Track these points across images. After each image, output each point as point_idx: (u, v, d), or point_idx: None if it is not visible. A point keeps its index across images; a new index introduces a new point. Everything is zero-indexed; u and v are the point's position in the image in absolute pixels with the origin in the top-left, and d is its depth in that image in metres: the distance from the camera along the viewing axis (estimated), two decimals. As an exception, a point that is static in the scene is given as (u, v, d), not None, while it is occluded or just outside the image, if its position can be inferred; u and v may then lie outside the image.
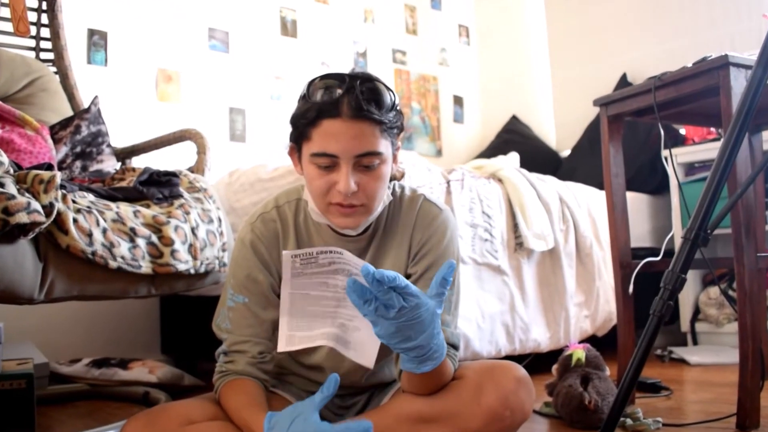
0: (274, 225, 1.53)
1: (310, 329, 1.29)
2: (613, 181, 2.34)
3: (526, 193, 2.94)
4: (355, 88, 1.34)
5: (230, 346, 1.50)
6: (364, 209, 1.41)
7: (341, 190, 1.35)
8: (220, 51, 3.82)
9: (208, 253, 1.97)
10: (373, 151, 1.36)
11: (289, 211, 1.55)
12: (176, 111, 3.59)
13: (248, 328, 1.49)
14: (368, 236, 1.52)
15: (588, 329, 3.09)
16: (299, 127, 1.39)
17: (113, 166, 2.46)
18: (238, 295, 1.51)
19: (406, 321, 1.19)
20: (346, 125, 1.33)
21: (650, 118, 2.27)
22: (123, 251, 1.74)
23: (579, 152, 4.40)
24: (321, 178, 1.37)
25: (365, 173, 1.38)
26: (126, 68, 3.45)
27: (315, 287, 1.25)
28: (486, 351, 2.66)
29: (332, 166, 1.36)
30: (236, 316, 1.50)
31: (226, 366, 1.48)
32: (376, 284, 1.15)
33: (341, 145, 1.34)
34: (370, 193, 1.39)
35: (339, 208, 1.39)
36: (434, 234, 1.52)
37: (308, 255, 1.21)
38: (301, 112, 1.38)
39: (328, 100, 1.34)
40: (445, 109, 5.00)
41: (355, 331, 1.29)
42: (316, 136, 1.35)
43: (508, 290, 2.80)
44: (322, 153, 1.35)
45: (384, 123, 1.37)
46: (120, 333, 3.25)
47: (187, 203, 2.01)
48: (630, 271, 2.27)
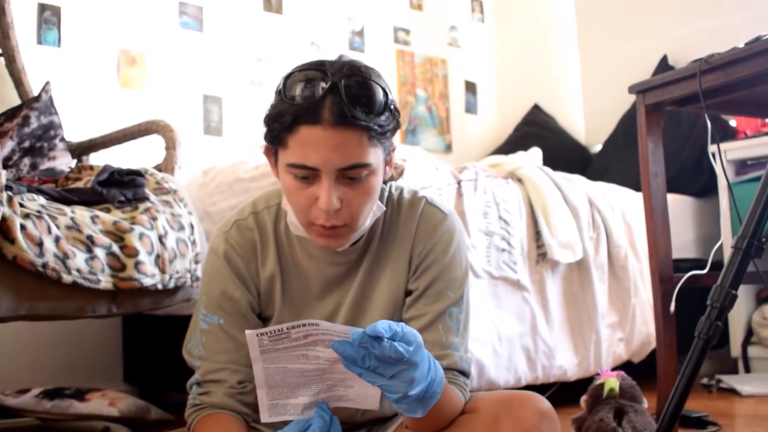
0: (251, 234, 1.53)
1: (295, 396, 1.27)
2: (651, 182, 2.34)
3: (550, 195, 2.94)
4: (339, 87, 1.30)
5: (204, 374, 1.49)
6: (347, 229, 1.40)
7: (322, 207, 1.33)
8: (192, 29, 3.82)
9: (178, 265, 1.97)
10: (360, 163, 1.33)
11: (268, 218, 1.54)
12: (141, 99, 3.59)
13: (225, 354, 1.48)
14: (361, 247, 1.52)
15: (622, 354, 3.09)
16: (273, 130, 1.37)
17: (67, 164, 2.46)
18: (211, 315, 1.51)
19: (407, 370, 1.18)
20: (327, 134, 1.30)
21: (695, 107, 2.27)
22: (79, 263, 1.74)
23: (612, 147, 4.40)
24: (300, 192, 1.36)
25: (350, 186, 1.35)
26: (83, 49, 3.45)
27: (292, 360, 1.21)
28: (503, 379, 2.66)
29: (312, 178, 1.34)
30: (210, 340, 1.50)
31: (201, 398, 1.48)
32: (373, 342, 1.13)
33: (321, 156, 1.31)
34: (355, 210, 1.38)
35: (320, 229, 1.38)
36: (438, 243, 1.51)
37: (277, 332, 1.17)
38: (276, 113, 1.36)
39: (307, 101, 1.31)
40: (455, 98, 5.00)
41: (348, 388, 1.27)
42: (293, 144, 1.33)
43: (529, 309, 2.80)
44: (300, 165, 1.33)
45: (373, 129, 1.33)
46: (76, 359, 3.24)
47: (153, 207, 2.01)
48: (672, 287, 2.26)
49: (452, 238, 1.53)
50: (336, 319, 1.52)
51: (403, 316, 1.51)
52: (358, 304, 1.52)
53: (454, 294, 1.50)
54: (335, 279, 1.53)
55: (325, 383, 1.25)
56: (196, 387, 1.50)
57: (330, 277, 1.52)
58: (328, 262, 1.51)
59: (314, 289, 1.53)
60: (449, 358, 1.46)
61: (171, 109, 3.65)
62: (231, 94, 3.92)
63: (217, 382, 1.47)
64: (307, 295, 1.54)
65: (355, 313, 1.52)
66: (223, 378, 1.47)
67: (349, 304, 1.52)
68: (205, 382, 1.49)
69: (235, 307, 1.50)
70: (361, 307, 1.52)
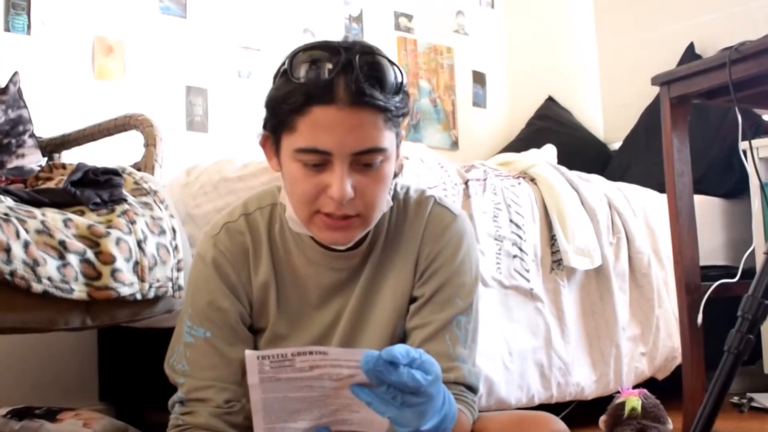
0: (242, 238, 1.52)
1: (294, 420, 1.25)
2: (677, 182, 2.34)
3: (565, 196, 2.94)
4: (354, 65, 1.30)
5: (188, 392, 1.48)
6: (360, 221, 1.39)
7: (335, 196, 1.32)
8: (174, 15, 3.82)
9: (158, 273, 1.97)
10: (375, 147, 1.34)
11: (261, 219, 1.53)
12: (118, 91, 3.59)
13: (211, 370, 1.48)
14: (364, 251, 1.51)
15: (645, 370, 3.09)
16: (279, 114, 1.35)
17: (37, 162, 2.46)
18: (197, 327, 1.50)
19: (422, 403, 1.17)
20: (343, 114, 1.30)
21: (724, 100, 2.27)
22: (50, 271, 1.74)
23: (633, 144, 4.40)
24: (307, 180, 1.35)
25: (364, 174, 1.35)
26: (55, 37, 3.45)
27: (295, 390, 1.18)
28: (515, 398, 2.65)
29: (323, 165, 1.33)
30: (196, 355, 1.49)
31: (184, 419, 1.47)
32: (388, 368, 1.11)
33: (336, 139, 1.31)
34: (370, 199, 1.37)
35: (327, 219, 1.37)
36: (447, 246, 1.51)
37: (281, 357, 1.14)
38: (283, 95, 1.34)
39: (319, 80, 1.30)
40: (462, 90, 5.01)
41: (353, 413, 1.26)
42: (304, 126, 1.32)
43: (543, 320, 2.80)
44: (311, 149, 1.32)
45: (389, 110, 1.34)
46: (47, 375, 3.24)
47: (132, 209, 2.01)
48: (699, 297, 2.26)
49: (462, 240, 1.53)
50: (335, 330, 1.51)
51: (407, 325, 1.51)
52: (359, 313, 1.52)
53: (462, 301, 1.50)
54: (335, 286, 1.52)
55: (329, 408, 1.23)
56: (179, 406, 1.49)
57: (329, 284, 1.52)
58: (327, 267, 1.51)
59: (312, 298, 1.53)
60: (456, 371, 1.45)
61: (151, 102, 3.65)
62: (217, 86, 3.92)
63: (202, 401, 1.47)
64: (304, 304, 1.53)
65: (355, 322, 1.51)
66: (208, 397, 1.46)
67: (350, 314, 1.51)
68: (189, 401, 1.48)
69: (223, 319, 1.49)
70: (363, 316, 1.52)
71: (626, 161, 4.32)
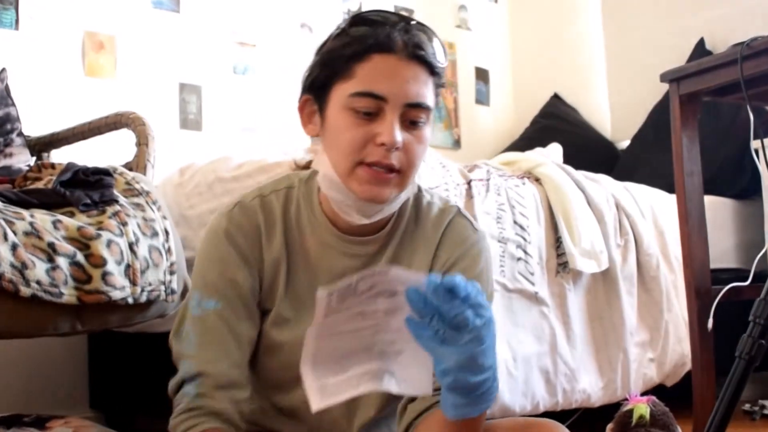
0: (256, 217, 1.54)
1: (344, 371, 1.28)
2: (687, 182, 2.34)
3: (571, 197, 2.94)
4: (411, 26, 1.42)
5: (199, 365, 1.46)
6: (399, 179, 1.44)
7: (386, 140, 1.38)
8: (167, 9, 3.82)
9: (150, 276, 1.97)
10: (425, 104, 1.43)
11: (276, 201, 1.56)
12: (110, 89, 3.59)
13: (220, 345, 1.47)
14: (381, 239, 1.54)
15: (654, 377, 3.09)
16: (336, 63, 1.43)
17: (26, 162, 2.46)
18: (207, 299, 1.50)
19: (478, 345, 1.19)
20: (402, 64, 1.40)
21: (736, 97, 2.27)
22: (39, 274, 1.74)
23: (642, 143, 4.40)
24: (357, 129, 1.41)
25: (410, 131, 1.43)
26: (44, 32, 3.45)
27: (348, 322, 1.23)
28: (519, 405, 2.65)
29: (375, 114, 1.40)
30: (206, 327, 1.48)
31: (199, 402, 1.44)
32: (447, 298, 1.14)
33: (392, 86, 1.39)
34: (412, 156, 1.43)
35: (371, 170, 1.41)
36: (466, 256, 1.55)
37: (346, 288, 1.20)
38: (341, 45, 1.43)
39: (380, 31, 1.41)
40: (464, 87, 5.01)
41: (397, 355, 1.28)
42: (362, 72, 1.40)
43: (548, 325, 2.80)
44: (368, 92, 1.39)
45: (438, 75, 1.45)
46: (36, 382, 3.24)
47: (123, 211, 2.01)
48: (709, 301, 2.26)
49: (481, 254, 1.57)
50: None
51: None
52: None
53: None
54: (347, 273, 1.53)
55: (374, 351, 1.27)
56: (190, 385, 1.46)
57: (341, 270, 1.52)
58: (341, 252, 1.53)
59: (321, 282, 1.52)
60: None
61: (143, 99, 3.65)
62: (211, 83, 3.92)
63: (212, 378, 1.45)
64: (313, 289, 1.52)
65: None
66: (219, 371, 1.45)
67: None
68: (200, 376, 1.45)
69: (235, 292, 1.50)
70: None
71: (634, 161, 4.32)
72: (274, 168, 2.51)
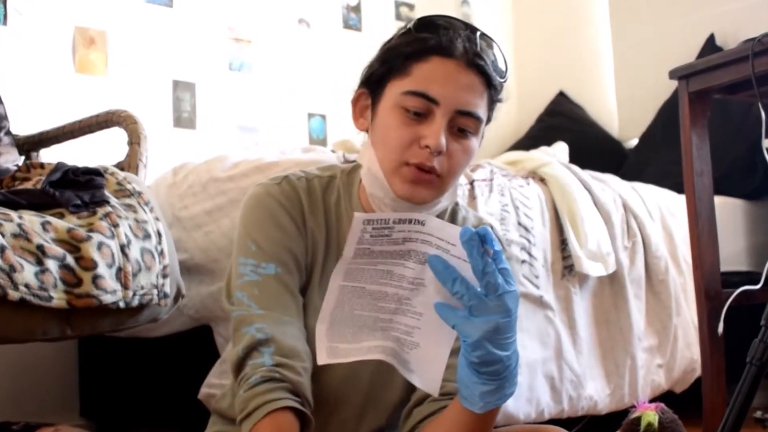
0: (300, 195, 1.57)
1: (357, 341, 1.30)
2: (696, 182, 2.34)
3: (578, 197, 2.94)
4: (475, 36, 1.46)
5: (271, 326, 1.42)
6: (439, 183, 1.46)
7: (430, 143, 1.41)
8: (160, 4, 3.82)
9: (143, 279, 1.97)
10: (476, 113, 1.46)
11: (319, 186, 1.60)
12: (101, 86, 3.59)
13: (287, 309, 1.48)
14: None
15: (662, 383, 3.09)
16: (395, 60, 1.47)
17: (14, 161, 2.46)
18: (266, 264, 1.50)
19: (504, 315, 1.22)
20: (459, 70, 1.43)
21: (747, 95, 2.27)
22: (27, 277, 1.74)
23: (650, 142, 4.40)
24: (404, 128, 1.43)
25: (456, 139, 1.46)
26: (32, 27, 3.45)
27: (374, 278, 1.27)
28: (523, 412, 2.65)
29: (424, 115, 1.43)
30: (266, 294, 1.47)
31: (278, 372, 1.38)
32: (479, 250, 1.19)
33: (446, 90, 1.42)
34: (455, 164, 1.46)
35: (414, 170, 1.43)
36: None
37: (383, 223, 1.24)
38: (404, 43, 1.47)
39: (443, 35, 1.44)
40: (467, 84, 5.00)
41: (413, 348, 1.30)
42: (418, 72, 1.44)
43: (554, 330, 2.80)
44: (420, 93, 1.42)
45: (495, 88, 1.49)
46: (24, 389, 3.24)
47: (114, 212, 2.01)
48: (720, 304, 2.26)
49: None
50: None
51: None
52: None
53: None
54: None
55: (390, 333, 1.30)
56: (262, 353, 1.41)
57: None
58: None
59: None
60: None
61: (135, 97, 3.66)
62: (205, 80, 3.92)
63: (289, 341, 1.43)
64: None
65: None
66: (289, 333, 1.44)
67: None
68: (272, 343, 1.42)
69: (292, 258, 1.52)
70: None
71: (642, 160, 4.32)
72: (271, 168, 2.51)
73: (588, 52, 5.05)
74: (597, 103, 4.97)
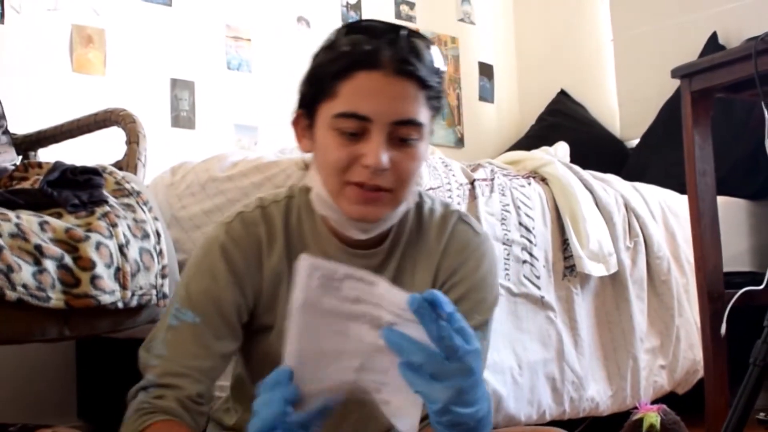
0: (257, 229, 1.53)
1: (323, 382, 1.26)
2: (699, 182, 2.34)
3: (579, 197, 2.94)
4: (399, 38, 1.39)
5: (161, 376, 1.45)
6: (390, 197, 1.42)
7: (370, 163, 1.36)
8: (159, 3, 3.82)
9: (141, 280, 1.97)
10: (415, 120, 1.39)
11: (277, 212, 1.56)
12: (99, 85, 3.59)
13: (191, 359, 1.46)
14: (384, 252, 1.54)
15: (664, 384, 3.09)
16: (321, 81, 1.42)
17: (11, 161, 2.46)
18: (186, 310, 1.49)
19: (467, 376, 1.15)
20: (387, 81, 1.37)
21: (750, 94, 2.27)
22: (25, 277, 1.74)
23: (652, 142, 4.40)
24: (341, 149, 1.39)
25: (399, 149, 1.40)
26: (30, 25, 3.45)
27: (329, 337, 1.19)
28: (525, 414, 2.66)
29: (360, 134, 1.38)
30: (178, 340, 1.48)
31: (152, 402, 1.43)
32: (431, 316, 1.11)
33: (377, 105, 1.37)
34: (403, 175, 1.41)
35: (359, 190, 1.40)
36: (469, 260, 1.55)
37: (331, 273, 1.17)
38: (326, 62, 1.41)
39: (365, 47, 1.38)
40: (468, 83, 5.01)
41: (384, 404, 1.26)
42: (345, 91, 1.38)
43: (555, 331, 2.80)
44: (351, 113, 1.37)
45: (430, 87, 1.41)
46: (22, 390, 3.24)
47: (113, 212, 2.01)
48: (722, 305, 2.26)
49: (484, 258, 1.57)
50: None
51: None
52: None
53: (480, 316, 1.52)
54: None
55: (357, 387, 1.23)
56: (143, 393, 1.46)
57: None
58: (345, 263, 1.51)
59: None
60: None
61: (134, 96, 3.65)
62: (204, 79, 3.92)
63: (172, 388, 1.44)
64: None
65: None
66: (181, 385, 1.44)
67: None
68: (159, 386, 1.45)
69: (218, 309, 1.49)
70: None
71: (644, 160, 4.32)
72: (270, 167, 2.51)
73: (589, 51, 5.05)
74: (598, 102, 4.97)
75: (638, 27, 4.85)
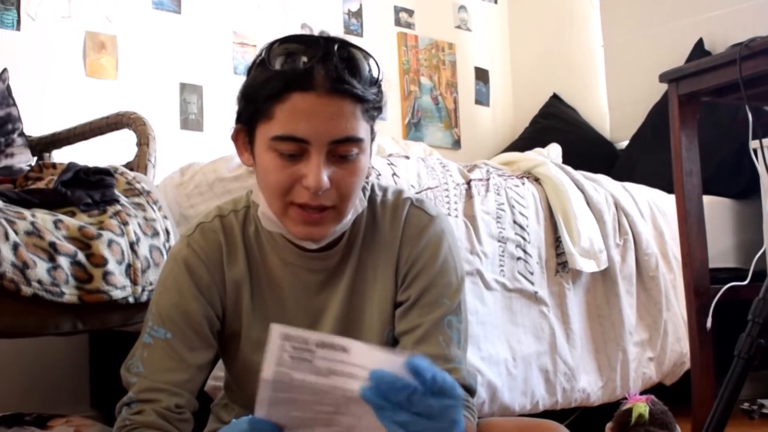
0: (216, 237, 1.52)
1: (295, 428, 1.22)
2: (686, 182, 2.34)
3: (571, 196, 2.94)
4: (332, 54, 1.33)
5: (139, 392, 1.46)
6: (334, 213, 1.40)
7: (311, 185, 1.33)
8: (168, 10, 3.82)
9: (151, 275, 1.97)
10: (353, 137, 1.36)
11: (236, 221, 1.54)
12: (111, 89, 3.59)
13: (167, 373, 1.46)
14: (341, 252, 1.52)
15: (653, 376, 3.09)
16: (256, 102, 1.38)
17: (27, 162, 2.46)
18: (158, 327, 1.49)
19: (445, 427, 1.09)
20: (322, 101, 1.32)
21: (735, 98, 2.27)
22: (40, 273, 1.73)
23: (640, 143, 4.40)
24: (282, 171, 1.36)
25: (340, 165, 1.37)
26: (44, 32, 3.45)
27: (303, 406, 1.14)
28: (518, 404, 2.65)
29: (299, 155, 1.35)
30: (153, 356, 1.48)
31: (132, 418, 1.44)
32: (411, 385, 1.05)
33: (314, 126, 1.33)
34: (345, 191, 1.38)
35: (302, 212, 1.37)
36: (427, 247, 1.52)
37: (303, 344, 1.11)
38: (260, 83, 1.37)
39: (298, 67, 1.33)
40: (464, 87, 5.00)
41: None
42: (281, 113, 1.34)
43: (548, 324, 2.80)
44: (288, 136, 1.34)
45: (367, 101, 1.37)
46: (37, 381, 3.24)
47: (124, 210, 2.01)
48: (708, 300, 2.26)
49: (441, 241, 1.53)
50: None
51: (396, 331, 1.50)
52: (346, 319, 1.51)
53: (450, 301, 1.50)
54: (313, 288, 1.52)
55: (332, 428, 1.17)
56: (126, 409, 1.46)
57: (307, 286, 1.52)
58: (304, 268, 1.51)
59: (289, 301, 1.52)
60: (456, 372, 1.44)
61: (144, 100, 3.65)
62: (212, 83, 3.92)
63: (151, 402, 1.44)
64: (281, 307, 1.53)
65: (343, 330, 1.50)
66: (159, 399, 1.44)
67: (336, 319, 1.51)
68: (138, 402, 1.45)
69: (188, 322, 1.49)
70: (351, 323, 1.51)
71: (633, 160, 4.32)
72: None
73: (580, 57, 5.05)
74: (589, 105, 4.97)
75: (628, 33, 4.84)
